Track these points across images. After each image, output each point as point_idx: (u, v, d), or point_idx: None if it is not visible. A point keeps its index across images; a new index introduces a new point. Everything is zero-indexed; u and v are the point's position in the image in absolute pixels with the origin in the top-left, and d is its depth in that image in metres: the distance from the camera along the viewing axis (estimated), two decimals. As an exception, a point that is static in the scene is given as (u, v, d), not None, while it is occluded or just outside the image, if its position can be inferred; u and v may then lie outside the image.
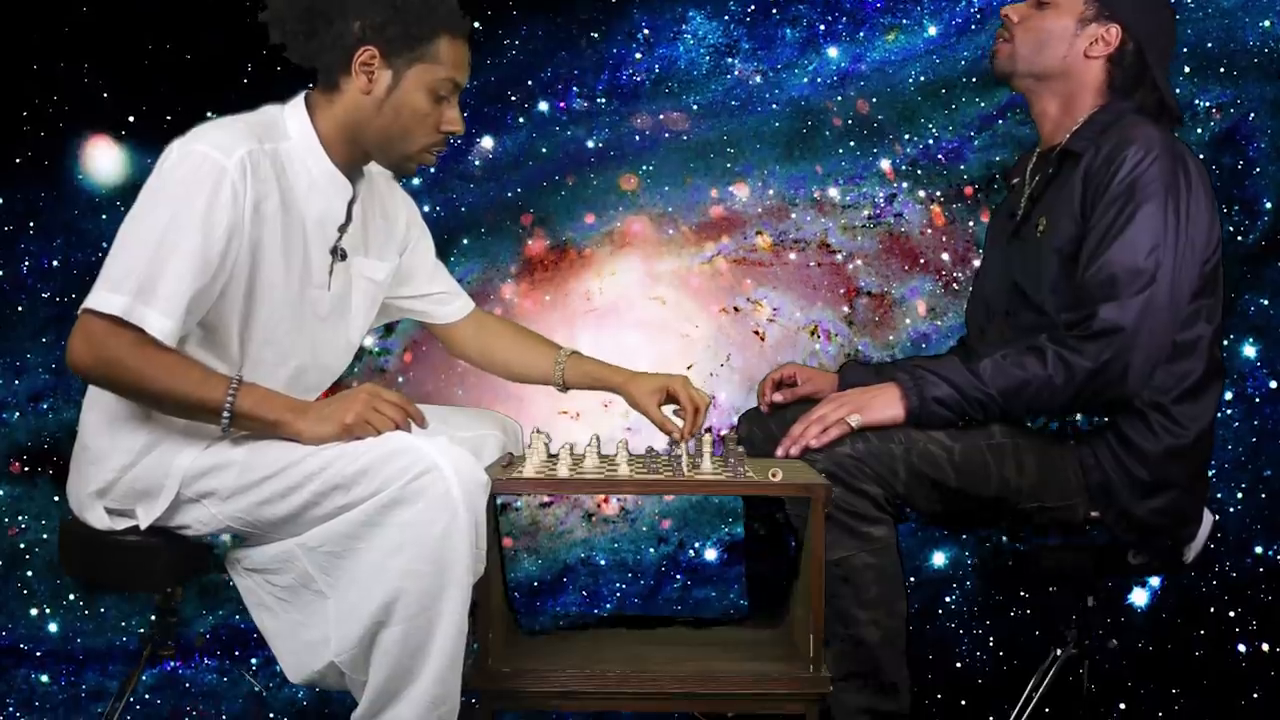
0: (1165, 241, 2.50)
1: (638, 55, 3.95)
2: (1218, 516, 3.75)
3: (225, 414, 2.26)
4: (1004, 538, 3.35)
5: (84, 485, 2.43)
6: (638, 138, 3.94)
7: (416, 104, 2.42)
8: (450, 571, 2.18)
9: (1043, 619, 3.72)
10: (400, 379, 3.91)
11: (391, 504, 2.19)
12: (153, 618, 2.58)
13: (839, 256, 3.95)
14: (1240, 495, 3.83)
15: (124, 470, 2.38)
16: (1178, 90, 3.78)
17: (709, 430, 2.52)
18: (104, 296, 2.24)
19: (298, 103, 2.48)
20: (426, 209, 3.89)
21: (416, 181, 3.91)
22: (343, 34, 2.40)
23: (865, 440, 2.49)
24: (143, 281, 2.23)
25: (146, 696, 3.75)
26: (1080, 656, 2.80)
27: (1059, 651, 2.81)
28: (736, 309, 3.87)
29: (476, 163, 3.93)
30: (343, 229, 2.52)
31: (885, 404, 2.56)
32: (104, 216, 3.75)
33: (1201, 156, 3.79)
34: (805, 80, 3.94)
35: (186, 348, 2.36)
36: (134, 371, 2.24)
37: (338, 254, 2.52)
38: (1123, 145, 2.56)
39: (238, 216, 2.31)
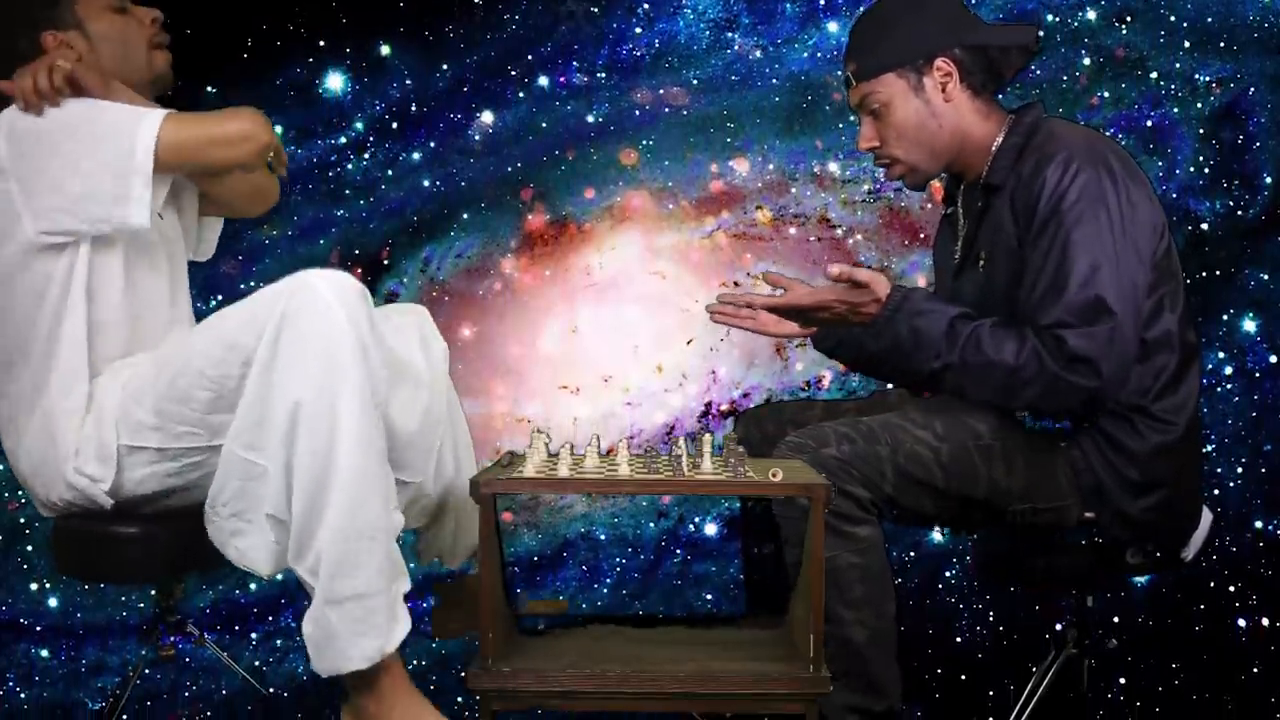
0: (1107, 256, 2.43)
1: (638, 30, 3.95)
2: (1216, 491, 3.78)
3: None
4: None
5: (44, 490, 2.49)
6: (638, 112, 3.93)
7: (110, 28, 2.59)
8: (340, 373, 2.24)
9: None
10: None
11: (277, 334, 2.26)
12: (154, 615, 2.65)
13: (839, 231, 3.95)
14: (1240, 470, 3.83)
15: (67, 457, 2.43)
16: (1178, 65, 3.83)
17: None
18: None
19: None
20: (426, 183, 3.92)
21: (417, 156, 3.91)
22: (27, 51, 2.53)
23: (851, 443, 2.48)
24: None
25: (146, 671, 3.72)
26: (1080, 656, 2.79)
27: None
28: (736, 284, 3.87)
29: (476, 137, 3.93)
30: None
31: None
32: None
33: (1201, 131, 3.84)
34: (805, 55, 3.93)
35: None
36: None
37: None
38: (1041, 166, 2.50)
39: None
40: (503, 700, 2.28)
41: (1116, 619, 3.76)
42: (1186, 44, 3.82)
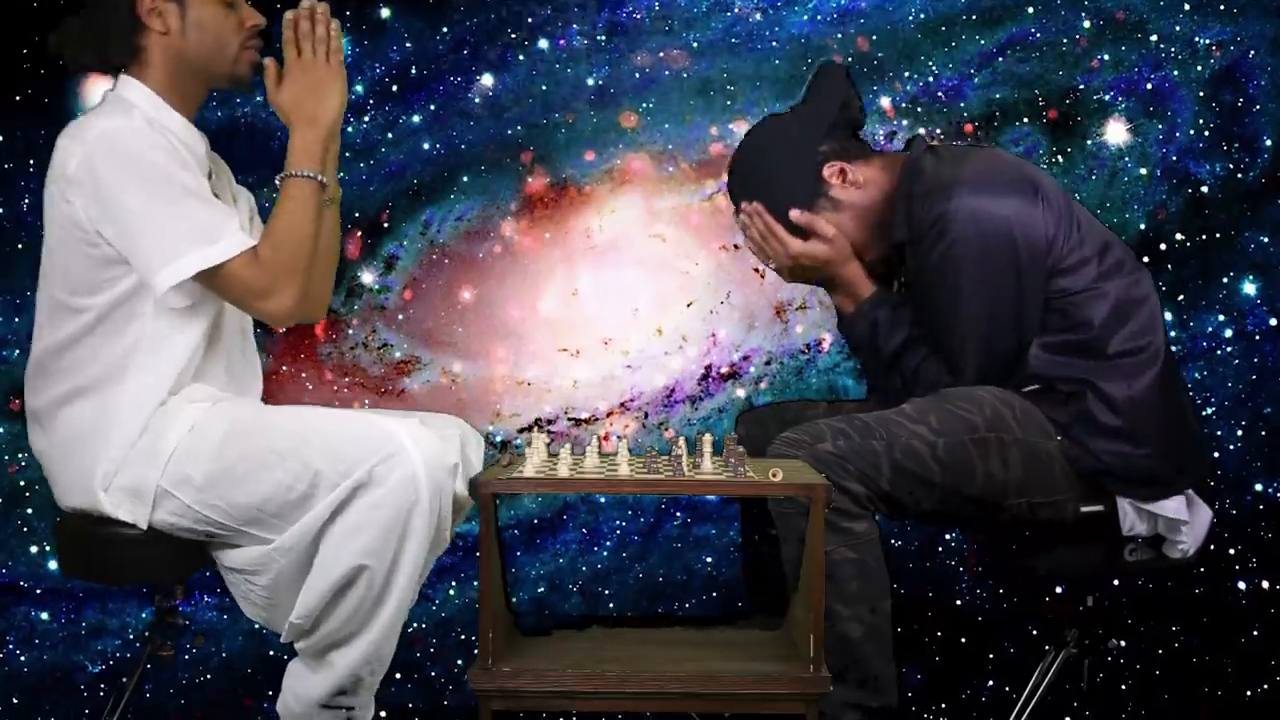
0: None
1: (638, -8, 3.95)
2: (1216, 454, 3.79)
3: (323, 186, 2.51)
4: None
5: (87, 478, 2.45)
6: (637, 75, 3.92)
7: (211, 17, 2.53)
8: (407, 548, 2.30)
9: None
10: (400, 317, 3.92)
11: (358, 487, 2.28)
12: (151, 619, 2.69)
13: (839, 194, 3.94)
14: (1240, 433, 3.83)
15: (118, 462, 2.43)
16: (1178, 28, 3.82)
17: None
18: (180, 266, 2.34)
19: (124, 79, 2.55)
20: (426, 146, 3.92)
21: (417, 119, 3.91)
22: (118, 6, 2.50)
23: (847, 438, 2.48)
24: (194, 230, 2.35)
25: (147, 634, 3.74)
26: (1081, 656, 2.80)
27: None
28: (736, 246, 3.86)
29: (476, 100, 3.92)
30: (209, 176, 2.60)
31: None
32: (103, 155, 3.74)
33: (1201, 94, 3.84)
34: (805, 17, 3.92)
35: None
36: (283, 271, 2.40)
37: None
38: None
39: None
40: (503, 700, 2.29)
41: (1116, 582, 3.76)
42: (1187, 6, 3.82)
